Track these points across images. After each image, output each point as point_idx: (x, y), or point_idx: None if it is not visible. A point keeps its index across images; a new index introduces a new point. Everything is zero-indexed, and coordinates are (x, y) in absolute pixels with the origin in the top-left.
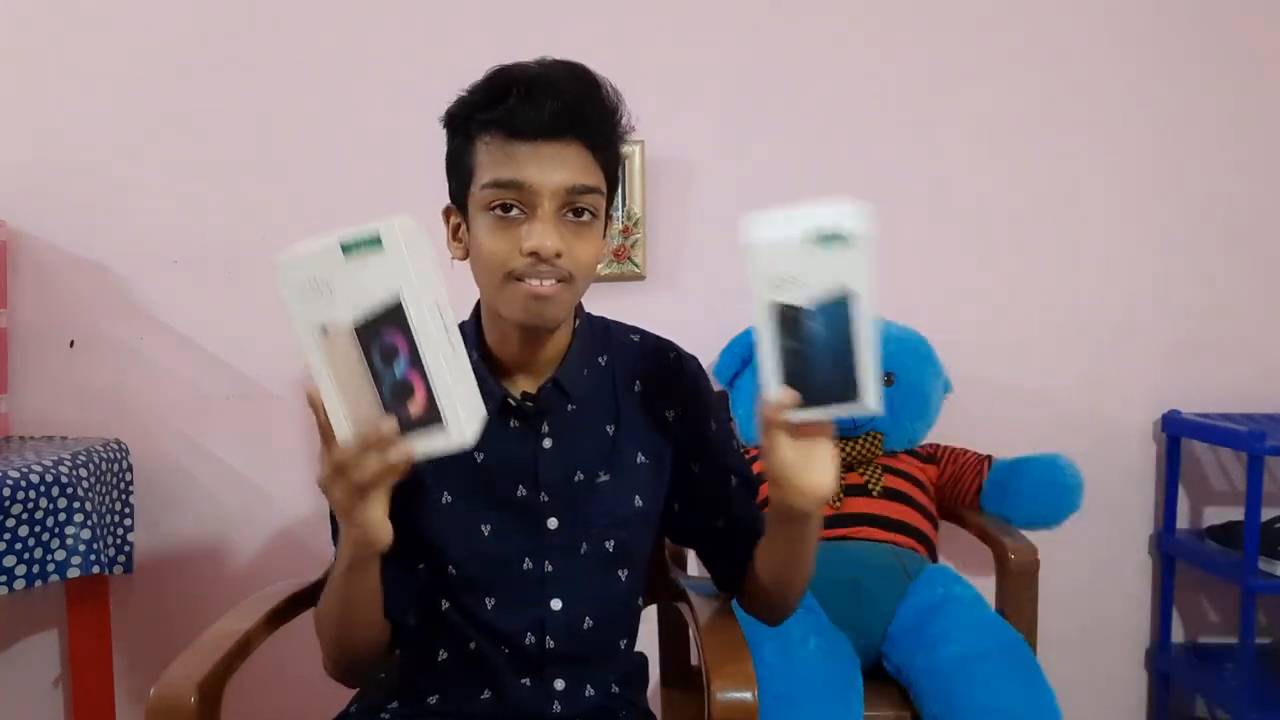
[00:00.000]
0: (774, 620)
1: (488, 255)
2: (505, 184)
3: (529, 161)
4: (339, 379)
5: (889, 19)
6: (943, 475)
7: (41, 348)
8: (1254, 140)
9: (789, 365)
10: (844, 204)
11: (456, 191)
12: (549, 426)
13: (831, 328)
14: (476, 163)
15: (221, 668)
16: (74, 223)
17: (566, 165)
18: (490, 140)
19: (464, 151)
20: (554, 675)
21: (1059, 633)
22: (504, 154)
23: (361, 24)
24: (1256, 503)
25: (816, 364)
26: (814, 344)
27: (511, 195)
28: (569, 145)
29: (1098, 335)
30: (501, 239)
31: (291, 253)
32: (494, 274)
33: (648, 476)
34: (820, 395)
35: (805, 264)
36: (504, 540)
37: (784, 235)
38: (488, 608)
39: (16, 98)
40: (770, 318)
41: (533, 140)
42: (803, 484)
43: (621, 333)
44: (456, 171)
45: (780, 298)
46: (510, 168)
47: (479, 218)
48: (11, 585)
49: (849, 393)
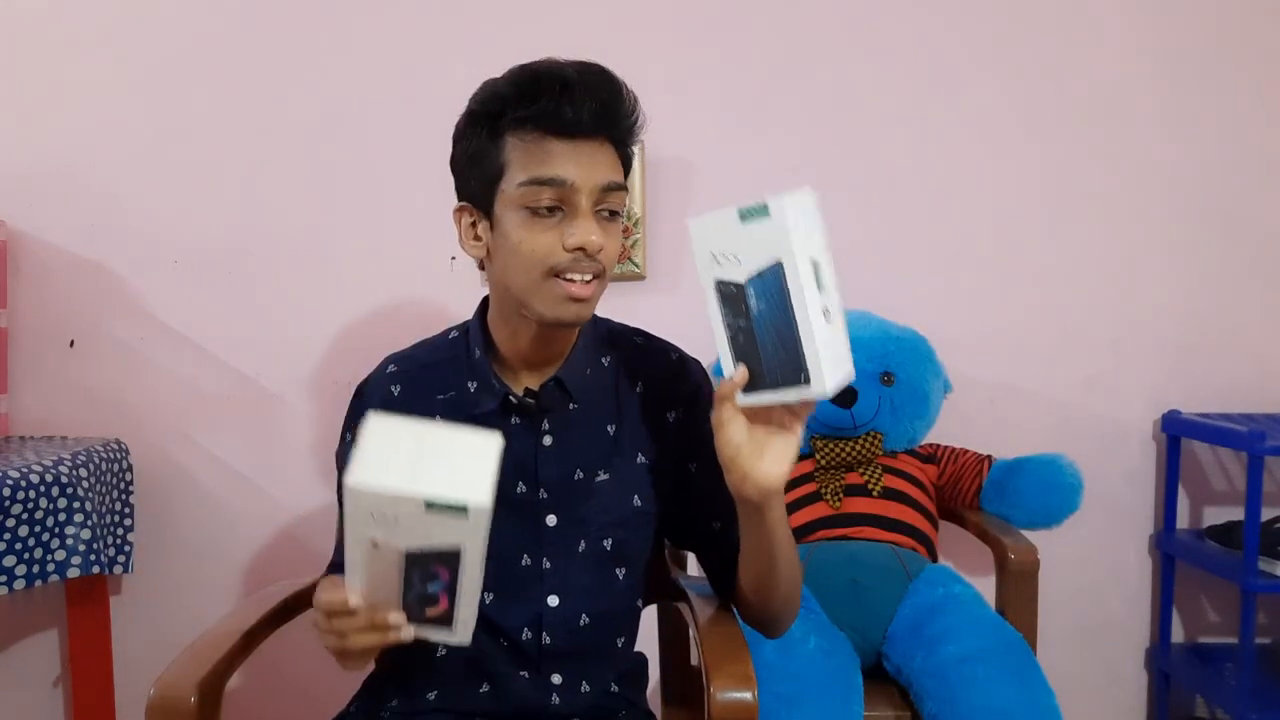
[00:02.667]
0: (769, 630)
1: (528, 252)
2: (546, 181)
3: (568, 159)
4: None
5: (889, 19)
6: (943, 475)
7: (41, 348)
8: (1254, 140)
9: (740, 345)
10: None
11: (479, 189)
12: (550, 424)
13: (770, 302)
14: (508, 160)
15: (221, 668)
16: (74, 223)
17: (601, 163)
18: (526, 138)
19: (490, 148)
20: (551, 670)
21: (1059, 633)
22: (542, 151)
23: (361, 27)
24: (1256, 503)
25: (765, 344)
26: (759, 322)
27: (551, 192)
28: (603, 144)
29: (1098, 335)
30: (541, 235)
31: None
32: (532, 271)
33: (647, 477)
34: (773, 378)
35: (737, 240)
36: (502, 536)
37: (717, 215)
38: (486, 602)
39: (17, 98)
40: (714, 294)
41: (572, 138)
42: (749, 470)
43: (626, 334)
44: (479, 169)
45: (720, 274)
46: (550, 165)
47: (511, 215)
48: (11, 585)
49: (799, 375)
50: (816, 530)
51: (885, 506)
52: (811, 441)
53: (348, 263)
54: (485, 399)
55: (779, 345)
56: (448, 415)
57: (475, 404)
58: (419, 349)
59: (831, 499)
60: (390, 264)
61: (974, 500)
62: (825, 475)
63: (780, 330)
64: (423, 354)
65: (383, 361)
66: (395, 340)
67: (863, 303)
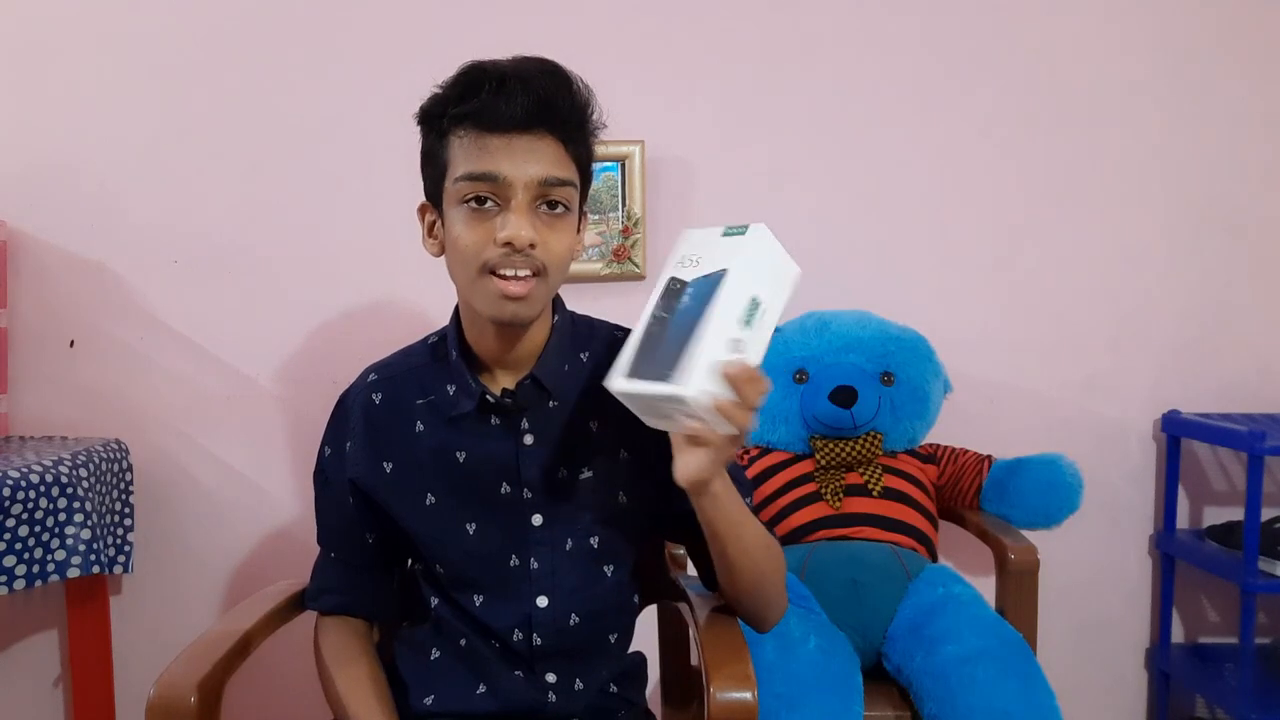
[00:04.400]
0: (755, 625)
1: (462, 248)
2: (479, 176)
3: (502, 154)
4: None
5: (890, 18)
6: (943, 475)
7: (41, 348)
8: (1255, 140)
9: (650, 334)
10: None
11: (431, 187)
12: (530, 423)
13: (697, 301)
14: (450, 157)
15: (221, 668)
16: (74, 223)
17: (539, 157)
18: (464, 134)
19: (438, 147)
20: (545, 670)
21: (1059, 633)
22: (477, 147)
23: (361, 27)
24: (1256, 503)
25: (669, 338)
26: (677, 316)
27: (485, 187)
28: (542, 138)
29: (1098, 335)
30: (475, 231)
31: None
32: (468, 266)
33: (632, 473)
34: (653, 371)
35: (708, 249)
36: (489, 538)
37: (709, 228)
38: (477, 604)
39: (17, 98)
40: (660, 288)
41: (506, 133)
42: (674, 457)
43: (606, 329)
44: (431, 167)
45: (676, 273)
46: (484, 160)
47: (453, 211)
48: (11, 585)
49: (670, 372)
50: (816, 530)
51: (885, 506)
52: (811, 441)
53: (348, 263)
54: (463, 400)
55: (676, 341)
56: (427, 419)
57: (454, 405)
58: (398, 357)
59: (831, 499)
60: (391, 264)
61: (974, 500)
62: (825, 475)
63: (685, 329)
64: (402, 361)
65: (363, 372)
66: (395, 340)
67: (863, 303)
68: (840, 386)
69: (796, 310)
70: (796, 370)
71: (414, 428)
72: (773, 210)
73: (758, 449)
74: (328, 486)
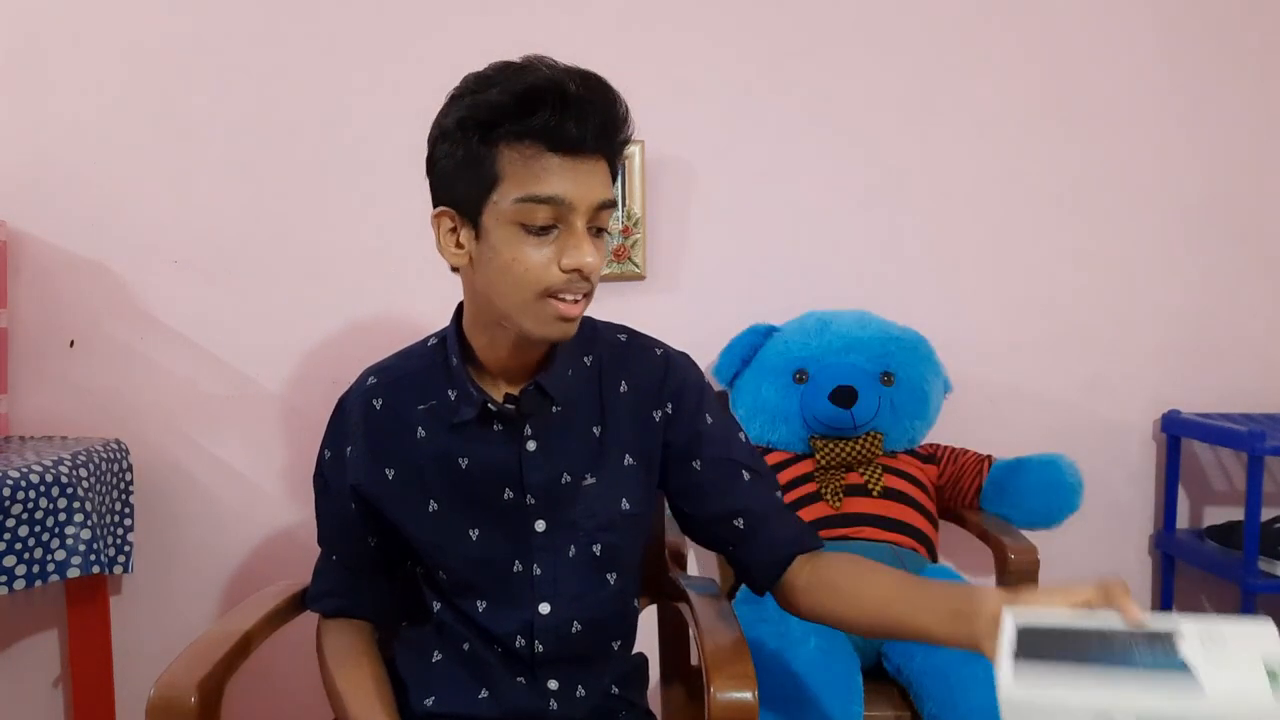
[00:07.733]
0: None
1: (521, 272)
2: (545, 199)
3: (566, 176)
4: None
5: (890, 18)
6: (943, 475)
7: (41, 348)
8: (1254, 140)
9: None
10: None
11: (466, 197)
12: (532, 429)
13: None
14: (502, 172)
15: (221, 668)
16: (74, 223)
17: (598, 180)
18: (523, 150)
19: (485, 157)
20: (547, 677)
21: None
22: (541, 167)
23: (361, 26)
24: (1256, 503)
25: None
26: (1135, 657)
27: (548, 211)
28: (599, 161)
29: (1097, 335)
30: (538, 254)
31: None
32: (525, 290)
33: (636, 479)
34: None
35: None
36: (492, 544)
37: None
38: (479, 610)
39: (17, 98)
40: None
41: (570, 154)
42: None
43: (609, 332)
44: (472, 176)
45: (1188, 649)
46: (548, 183)
47: (503, 230)
48: (11, 585)
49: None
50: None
51: (885, 506)
52: (811, 441)
53: (348, 263)
54: (465, 407)
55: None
56: (429, 425)
57: (455, 412)
58: (398, 359)
59: (831, 499)
60: (392, 264)
61: (974, 500)
62: (825, 475)
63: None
64: (402, 364)
65: (362, 374)
66: (395, 340)
67: (863, 303)
68: (840, 386)
69: (796, 310)
70: (796, 370)
71: (415, 434)
72: (773, 210)
73: (758, 449)
74: (328, 490)
